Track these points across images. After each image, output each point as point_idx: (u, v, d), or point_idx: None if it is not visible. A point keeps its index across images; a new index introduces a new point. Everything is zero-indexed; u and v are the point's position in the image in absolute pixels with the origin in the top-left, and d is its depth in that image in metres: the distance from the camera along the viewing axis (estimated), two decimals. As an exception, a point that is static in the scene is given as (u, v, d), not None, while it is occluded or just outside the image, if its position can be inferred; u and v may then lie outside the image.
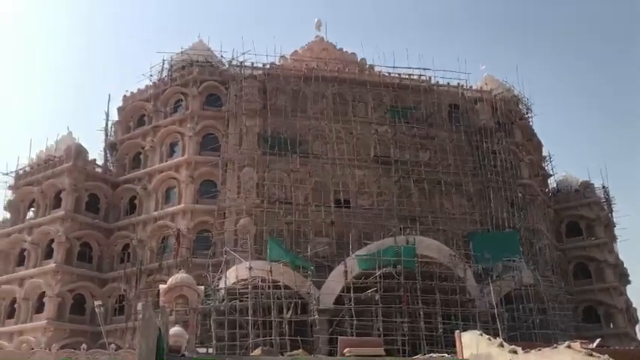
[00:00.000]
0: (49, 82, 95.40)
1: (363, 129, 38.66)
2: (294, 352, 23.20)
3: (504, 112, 42.33)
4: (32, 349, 27.43)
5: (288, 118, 37.37)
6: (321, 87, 39.08)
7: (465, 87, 42.92)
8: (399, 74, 41.28)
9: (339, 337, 22.71)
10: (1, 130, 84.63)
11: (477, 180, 38.63)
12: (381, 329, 27.22)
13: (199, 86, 40.20)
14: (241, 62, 39.92)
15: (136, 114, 43.48)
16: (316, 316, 28.04)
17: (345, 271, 29.39)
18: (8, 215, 41.34)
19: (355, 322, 27.56)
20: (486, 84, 45.14)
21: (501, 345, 13.72)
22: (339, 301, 28.89)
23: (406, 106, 40.15)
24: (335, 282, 29.36)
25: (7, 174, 41.16)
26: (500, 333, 23.02)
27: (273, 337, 26.83)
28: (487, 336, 15.17)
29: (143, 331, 8.12)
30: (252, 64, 39.98)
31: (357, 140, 37.85)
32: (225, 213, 35.29)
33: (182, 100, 40.98)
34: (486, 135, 39.99)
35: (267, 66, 40.19)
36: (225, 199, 35.56)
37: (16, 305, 36.74)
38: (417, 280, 29.07)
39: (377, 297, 28.23)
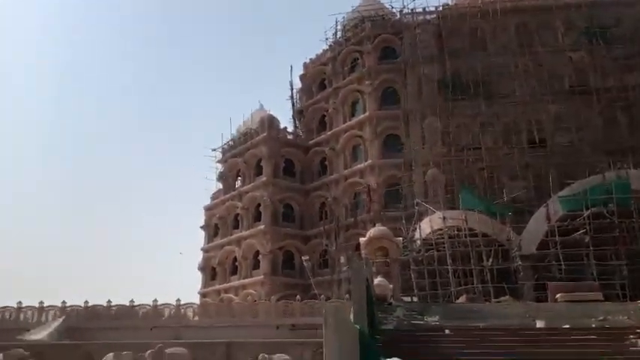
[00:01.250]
0: (237, 63, 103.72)
1: (554, 58, 35.11)
2: (502, 298, 22.60)
3: None
4: (255, 301, 30.96)
5: (468, 59, 35.53)
6: (501, 20, 36.29)
7: (680, -12, 36.34)
8: (592, -10, 36.47)
9: (548, 282, 21.51)
10: (207, 113, 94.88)
11: None
12: (594, 273, 25.03)
13: (373, 41, 40.26)
14: (412, 9, 38.96)
15: (317, 79, 45.33)
16: (519, 263, 26.81)
17: (548, 214, 27.45)
18: (221, 185, 46.71)
19: (563, 266, 25.75)
20: None
21: None
22: (542, 246, 27.20)
23: (604, 24, 35.37)
24: (537, 226, 27.63)
25: (215, 150, 46.45)
26: None
27: (475, 285, 26.44)
28: None
29: (354, 281, 8.55)
30: (424, 9, 38.80)
31: (547, 72, 34.55)
32: (411, 165, 35.32)
33: (358, 58, 41.52)
34: None
35: (440, 8, 38.53)
36: (411, 151, 35.51)
37: (237, 263, 41.62)
38: (634, 218, 26.01)
39: (587, 239, 25.92)
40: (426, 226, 29.39)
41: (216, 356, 21.53)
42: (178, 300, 27.11)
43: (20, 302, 27.02)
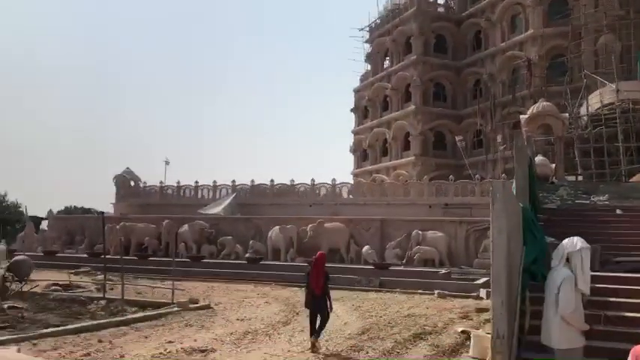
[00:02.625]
0: None
1: None
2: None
3: None
4: (406, 181, 31.38)
5: None
6: None
7: None
8: None
9: None
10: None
11: None
12: None
13: None
14: None
15: (470, -58, 41.07)
16: None
17: None
18: (369, 67, 46.21)
19: None
20: None
21: None
22: None
23: None
24: None
25: (362, 29, 45.45)
26: None
27: (651, 164, 23.90)
28: None
29: (517, 159, 8.14)
30: None
31: None
32: (580, 33, 31.46)
33: None
34: None
35: None
36: (580, 16, 31.43)
37: (387, 145, 42.02)
38: None
39: None
40: (594, 101, 26.65)
41: (371, 231, 22.67)
42: (333, 180, 28.50)
43: (197, 181, 30.44)
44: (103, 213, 23.41)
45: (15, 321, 10.27)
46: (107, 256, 16.77)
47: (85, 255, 24.16)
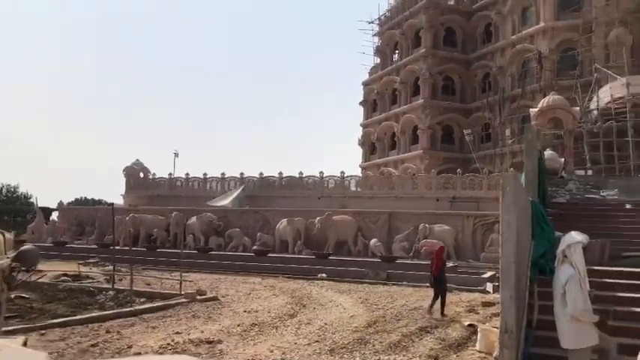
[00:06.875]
0: None
1: None
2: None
3: None
4: (414, 174, 31.26)
5: None
6: None
7: None
8: None
9: None
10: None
11: None
12: None
13: None
14: None
15: None
16: None
17: None
18: (378, 60, 45.97)
19: None
20: None
21: None
22: None
23: None
24: None
25: (371, 22, 45.21)
26: None
27: (661, 159, 23.68)
28: None
29: (527, 152, 8.08)
30: None
31: None
32: (592, 26, 31.18)
33: None
34: None
35: None
36: (592, 9, 31.15)
37: (395, 138, 41.86)
38: None
39: None
40: (604, 95, 26.45)
41: (379, 224, 22.66)
42: (342, 172, 28.46)
43: (205, 173, 30.49)
44: (112, 204, 23.49)
45: (24, 311, 10.36)
46: (116, 247, 16.87)
47: (95, 246, 24.32)
